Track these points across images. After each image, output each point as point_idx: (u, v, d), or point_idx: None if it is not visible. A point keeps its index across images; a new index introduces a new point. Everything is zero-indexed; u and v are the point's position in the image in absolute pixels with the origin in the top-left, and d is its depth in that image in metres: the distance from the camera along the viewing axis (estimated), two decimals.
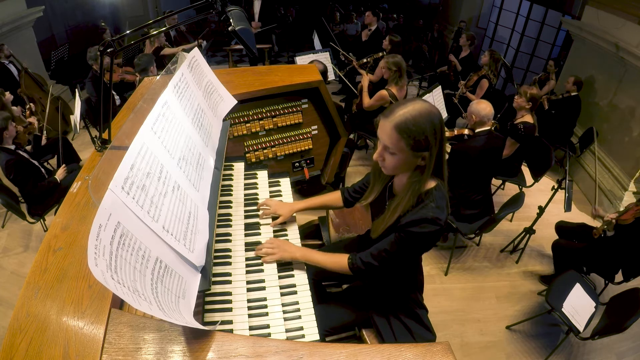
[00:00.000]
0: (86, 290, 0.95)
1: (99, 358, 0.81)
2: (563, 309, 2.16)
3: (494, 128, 2.77)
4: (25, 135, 3.26)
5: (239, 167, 1.89)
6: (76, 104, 3.41)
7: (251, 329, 1.24)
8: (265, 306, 1.32)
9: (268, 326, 1.26)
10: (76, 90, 3.60)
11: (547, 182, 3.95)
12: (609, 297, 2.32)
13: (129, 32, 1.53)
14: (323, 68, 3.51)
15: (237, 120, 2.13)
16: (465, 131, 3.00)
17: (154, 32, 1.93)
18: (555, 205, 2.95)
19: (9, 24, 4.76)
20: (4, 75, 4.37)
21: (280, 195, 1.83)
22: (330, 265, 1.43)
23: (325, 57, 4.24)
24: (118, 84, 4.67)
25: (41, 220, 3.00)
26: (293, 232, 1.64)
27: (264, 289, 1.37)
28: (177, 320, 0.83)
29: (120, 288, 0.75)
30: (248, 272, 1.39)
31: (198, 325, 0.88)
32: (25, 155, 2.98)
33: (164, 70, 1.77)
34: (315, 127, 2.43)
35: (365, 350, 0.93)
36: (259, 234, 1.58)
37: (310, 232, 2.30)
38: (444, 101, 3.72)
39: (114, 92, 3.97)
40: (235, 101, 1.83)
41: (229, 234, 1.50)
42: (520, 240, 3.17)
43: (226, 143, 1.73)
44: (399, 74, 3.44)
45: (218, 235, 1.47)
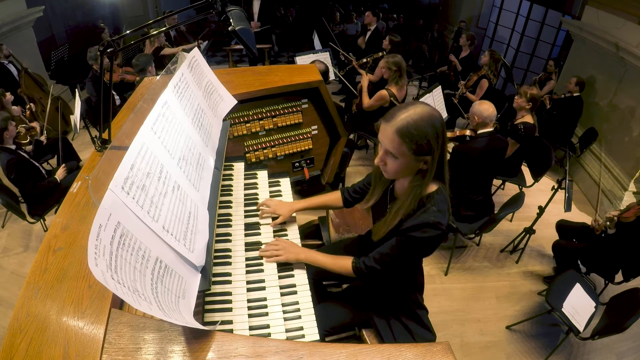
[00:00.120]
0: (86, 290, 0.95)
1: (99, 358, 0.81)
2: (563, 309, 2.16)
3: (494, 129, 2.77)
4: (27, 138, 3.26)
5: (239, 167, 1.89)
6: (76, 104, 3.41)
7: (251, 329, 1.24)
8: (265, 306, 1.32)
9: (268, 326, 1.26)
10: (76, 90, 3.60)
11: (547, 182, 3.95)
12: (609, 297, 2.32)
13: (129, 32, 1.53)
14: (325, 68, 3.50)
15: (237, 120, 2.14)
16: (467, 132, 2.99)
17: (154, 32, 1.93)
18: (555, 205, 2.95)
19: (9, 24, 4.75)
20: (4, 76, 4.36)
21: (280, 195, 1.83)
22: (333, 267, 1.43)
23: (325, 57, 4.23)
24: (118, 84, 4.67)
25: (41, 220, 3.00)
26: (293, 232, 1.64)
27: (264, 289, 1.37)
28: (177, 320, 0.83)
29: (120, 288, 0.75)
30: (248, 272, 1.39)
31: (198, 325, 0.88)
32: (26, 155, 2.99)
33: (164, 70, 1.77)
34: (315, 127, 2.43)
35: (365, 350, 0.93)
36: (259, 234, 1.58)
37: (310, 232, 2.30)
38: (444, 101, 3.72)
39: (114, 92, 3.97)
40: (235, 101, 1.83)
41: (229, 234, 1.50)
42: (520, 240, 3.17)
43: (226, 143, 1.73)
44: (399, 73, 3.43)
45: (218, 235, 1.47)
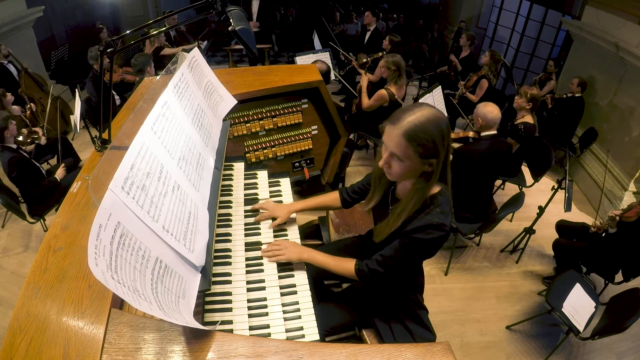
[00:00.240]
0: (86, 290, 0.95)
1: (99, 358, 0.81)
2: (563, 309, 2.16)
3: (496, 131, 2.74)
4: (29, 139, 3.27)
5: (239, 167, 1.89)
6: (76, 104, 3.41)
7: (251, 329, 1.24)
8: (265, 306, 1.32)
9: (268, 326, 1.26)
10: (76, 90, 3.60)
11: (547, 182, 3.95)
12: (609, 297, 2.32)
13: (129, 32, 1.53)
14: (326, 68, 3.49)
15: (237, 120, 2.13)
16: (470, 134, 2.96)
17: (154, 32, 1.93)
18: (555, 205, 2.95)
19: (9, 24, 4.75)
20: (4, 76, 4.36)
21: (280, 196, 1.83)
22: (336, 268, 1.42)
23: (325, 57, 4.23)
24: (118, 84, 4.67)
25: (41, 220, 3.00)
26: (293, 232, 1.64)
27: (264, 289, 1.37)
28: (177, 320, 0.83)
29: (120, 288, 0.75)
30: (248, 272, 1.39)
31: (198, 325, 0.88)
32: (26, 155, 3.00)
33: (164, 70, 1.77)
34: (315, 127, 2.43)
35: (365, 350, 0.93)
36: (259, 234, 1.58)
37: (310, 232, 2.30)
38: (444, 101, 3.72)
39: (114, 92, 3.97)
40: (235, 101, 1.83)
41: (229, 234, 1.50)
42: (520, 240, 3.17)
43: (226, 143, 1.73)
44: (398, 73, 3.44)
45: (218, 235, 1.47)
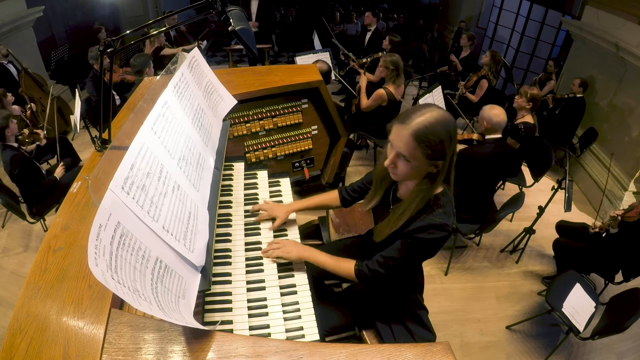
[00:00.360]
0: (86, 290, 0.95)
1: (99, 358, 0.81)
2: (563, 309, 2.16)
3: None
4: (30, 139, 3.27)
5: (239, 167, 1.88)
6: (76, 104, 3.41)
7: (251, 329, 1.24)
8: (265, 306, 1.32)
9: (268, 326, 1.26)
10: (76, 90, 3.60)
11: (547, 182, 3.95)
12: (609, 297, 2.32)
13: (129, 32, 1.53)
14: (327, 68, 3.49)
15: (237, 120, 2.13)
16: (474, 136, 2.92)
17: (154, 32, 1.93)
18: (555, 205, 2.95)
19: (9, 24, 4.75)
20: (4, 76, 4.36)
21: (280, 196, 1.83)
22: (335, 269, 1.41)
23: (325, 57, 4.23)
24: (118, 84, 4.67)
25: (41, 220, 3.00)
26: (293, 232, 1.64)
27: (264, 289, 1.37)
28: (177, 320, 0.83)
29: (120, 288, 0.75)
30: (248, 272, 1.39)
31: (198, 325, 0.88)
32: (27, 154, 3.00)
33: (164, 70, 1.77)
34: (315, 127, 2.43)
35: (365, 350, 0.93)
36: (259, 234, 1.58)
37: (311, 232, 2.30)
38: (444, 101, 3.72)
39: (114, 92, 3.97)
40: (235, 101, 1.83)
41: (229, 234, 1.50)
42: (520, 240, 3.17)
43: (226, 143, 1.73)
44: (396, 72, 3.45)
45: (218, 235, 1.47)
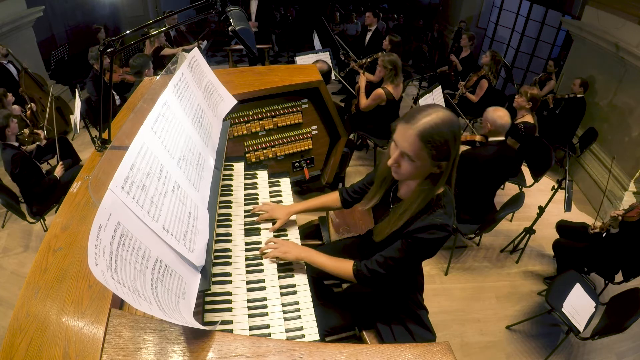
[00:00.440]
0: (86, 290, 0.95)
1: (99, 358, 0.81)
2: (563, 309, 2.16)
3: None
4: (31, 139, 3.27)
5: (239, 167, 1.88)
6: (76, 104, 3.41)
7: (251, 329, 1.24)
8: (265, 306, 1.32)
9: (268, 326, 1.26)
10: (76, 90, 3.60)
11: (547, 182, 3.95)
12: (609, 297, 2.32)
13: (129, 32, 1.53)
14: (327, 68, 3.49)
15: (237, 120, 2.13)
16: (477, 137, 2.89)
17: (154, 32, 1.93)
18: (555, 205, 2.95)
19: (9, 24, 4.75)
20: (4, 76, 4.36)
21: (280, 196, 1.83)
22: (333, 269, 1.40)
23: (325, 57, 4.23)
24: (118, 84, 4.67)
25: (41, 220, 3.00)
26: (293, 232, 1.64)
27: (264, 289, 1.37)
28: (177, 320, 0.83)
29: (120, 288, 0.75)
30: (248, 272, 1.39)
31: (198, 325, 0.88)
32: (27, 154, 3.00)
33: (164, 70, 1.77)
34: (315, 127, 2.43)
35: (365, 350, 0.93)
36: (259, 234, 1.58)
37: (310, 232, 2.30)
38: (444, 101, 3.72)
39: (114, 92, 3.97)
40: (235, 101, 1.82)
41: (229, 234, 1.50)
42: (520, 240, 3.17)
43: (226, 143, 1.73)
44: (394, 72, 3.46)
45: (218, 235, 1.47)
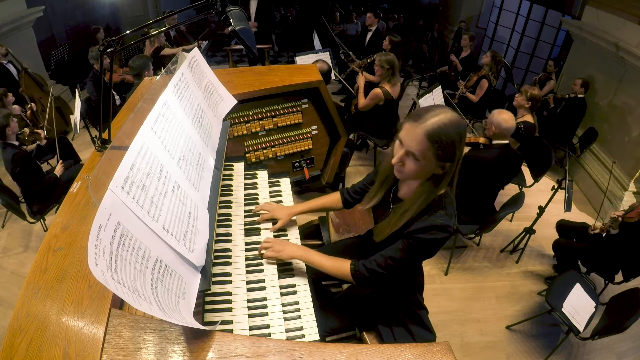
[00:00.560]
0: (86, 290, 0.95)
1: (99, 358, 0.81)
2: (563, 309, 2.16)
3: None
4: (31, 138, 3.27)
5: (239, 167, 1.88)
6: (76, 104, 3.41)
7: (251, 329, 1.24)
8: (265, 306, 1.32)
9: (268, 326, 1.26)
10: (76, 90, 3.60)
11: (547, 182, 3.95)
12: (609, 297, 2.32)
13: (129, 32, 1.53)
14: (327, 68, 3.49)
15: (237, 120, 2.13)
16: (481, 140, 2.86)
17: (154, 32, 1.93)
18: (555, 205, 2.95)
19: (9, 24, 4.75)
20: (4, 76, 4.36)
21: (280, 196, 1.83)
22: (330, 269, 1.38)
23: (326, 57, 4.23)
24: (118, 84, 4.67)
25: (41, 220, 3.00)
26: (293, 233, 1.64)
27: (264, 289, 1.37)
28: (177, 320, 0.83)
29: (120, 288, 0.75)
30: (248, 272, 1.39)
31: (198, 325, 0.88)
32: (27, 153, 3.01)
33: (164, 70, 1.77)
34: (315, 127, 2.43)
35: (365, 350, 0.93)
36: (259, 234, 1.58)
37: (310, 232, 2.30)
38: (444, 101, 3.72)
39: (114, 92, 3.97)
40: (235, 101, 1.82)
41: (229, 234, 1.50)
42: (520, 240, 3.17)
43: (226, 143, 1.73)
44: (391, 71, 3.47)
45: (218, 235, 1.47)
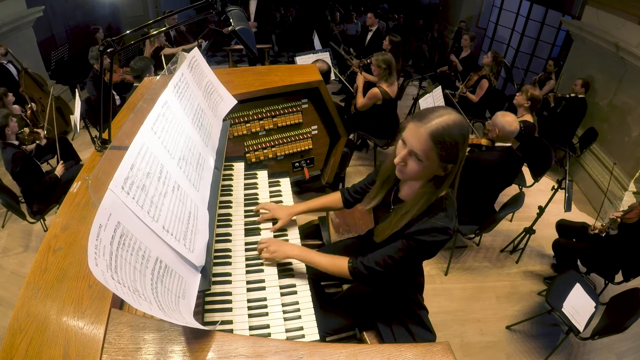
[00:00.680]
0: (86, 290, 0.95)
1: (99, 358, 0.81)
2: (563, 309, 2.16)
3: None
4: (31, 138, 3.27)
5: (239, 167, 1.88)
6: (76, 104, 3.41)
7: (251, 329, 1.24)
8: (265, 306, 1.32)
9: (268, 326, 1.26)
10: (76, 90, 3.60)
11: (547, 182, 3.95)
12: (609, 297, 2.32)
13: (129, 32, 1.53)
14: (327, 68, 3.50)
15: (237, 120, 2.13)
16: (483, 141, 2.83)
17: (154, 32, 1.93)
18: (555, 205, 2.95)
19: (9, 24, 4.75)
20: (4, 76, 4.36)
21: (280, 196, 1.83)
22: (328, 267, 1.38)
23: (326, 57, 4.23)
24: (118, 84, 4.68)
25: (41, 220, 3.00)
26: (293, 233, 1.64)
27: (264, 289, 1.37)
28: (177, 320, 0.83)
29: (120, 288, 0.75)
30: (248, 272, 1.39)
31: (198, 325, 0.88)
32: (27, 152, 3.01)
33: (164, 70, 1.77)
34: (315, 127, 2.43)
35: (365, 350, 0.93)
36: (259, 234, 1.58)
37: (310, 232, 2.30)
38: (443, 101, 3.72)
39: (114, 92, 3.97)
40: (235, 101, 1.82)
41: (229, 234, 1.50)
42: (520, 240, 3.17)
43: (226, 143, 1.73)
44: (388, 71, 3.48)
45: (218, 235, 1.47)
